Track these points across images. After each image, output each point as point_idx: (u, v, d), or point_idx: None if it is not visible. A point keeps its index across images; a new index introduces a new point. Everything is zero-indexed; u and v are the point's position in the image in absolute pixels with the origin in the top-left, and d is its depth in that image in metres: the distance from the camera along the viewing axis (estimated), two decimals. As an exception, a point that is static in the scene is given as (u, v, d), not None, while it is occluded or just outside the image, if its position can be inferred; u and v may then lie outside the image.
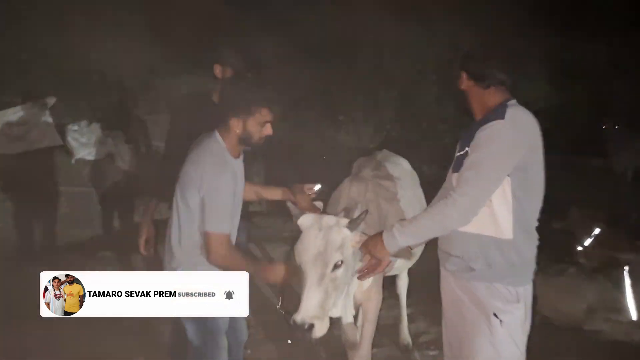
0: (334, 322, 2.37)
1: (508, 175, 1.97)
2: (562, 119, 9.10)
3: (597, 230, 4.80)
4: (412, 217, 2.17)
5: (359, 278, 2.43)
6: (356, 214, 2.34)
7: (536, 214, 2.11)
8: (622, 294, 3.89)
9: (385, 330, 3.85)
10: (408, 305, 3.91)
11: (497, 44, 2.26)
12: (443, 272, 2.29)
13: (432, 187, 3.56)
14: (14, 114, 6.00)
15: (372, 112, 7.70)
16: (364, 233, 2.36)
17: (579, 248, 4.95)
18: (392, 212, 2.96)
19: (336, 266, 2.19)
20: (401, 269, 3.46)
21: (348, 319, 2.86)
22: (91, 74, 6.57)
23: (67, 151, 6.62)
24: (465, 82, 2.19)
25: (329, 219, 2.30)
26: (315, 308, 2.11)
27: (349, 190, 2.83)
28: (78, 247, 6.19)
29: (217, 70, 2.89)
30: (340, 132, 7.63)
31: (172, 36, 6.58)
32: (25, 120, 6.04)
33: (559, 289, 4.01)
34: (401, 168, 3.58)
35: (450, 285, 2.22)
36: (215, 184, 2.20)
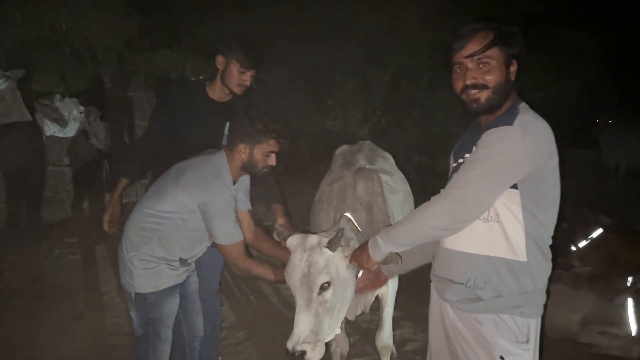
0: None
1: (515, 188, 1.66)
2: (555, 111, 8.92)
3: (596, 232, 4.54)
4: (396, 222, 1.94)
5: (357, 292, 2.25)
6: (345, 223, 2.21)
7: (551, 231, 1.78)
8: (622, 306, 3.64)
9: (370, 336, 3.61)
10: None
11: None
12: (437, 302, 1.96)
13: (420, 178, 3.34)
14: (-23, 86, 5.57)
15: (363, 97, 7.37)
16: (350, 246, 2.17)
17: (573, 248, 4.69)
18: (395, 204, 2.75)
19: (323, 288, 2.04)
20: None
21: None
22: (61, 45, 6.12)
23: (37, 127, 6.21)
24: (512, 70, 1.76)
25: (312, 239, 2.14)
26: (306, 334, 2.01)
27: (355, 187, 2.58)
28: (46, 230, 5.85)
29: (220, 61, 2.76)
30: (328, 116, 7.31)
31: (150, 8, 6.15)
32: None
33: (554, 298, 3.77)
34: (390, 163, 3.31)
35: (447, 319, 1.88)
36: (217, 198, 2.24)
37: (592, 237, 4.58)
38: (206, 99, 2.79)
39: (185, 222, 2.27)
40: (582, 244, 4.60)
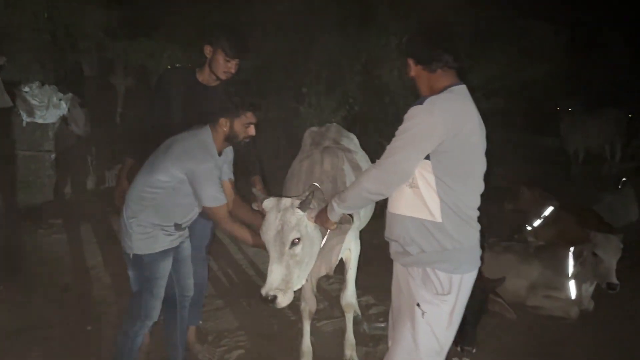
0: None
1: (428, 159, 1.97)
2: (519, 100, 9.28)
3: (548, 210, 4.94)
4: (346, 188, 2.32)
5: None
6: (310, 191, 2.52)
7: (472, 202, 2.09)
8: (563, 273, 4.04)
9: (339, 302, 3.92)
10: (359, 279, 3.92)
11: (442, 25, 2.22)
12: (395, 263, 2.31)
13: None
14: (-42, 72, 5.68)
15: (336, 85, 7.64)
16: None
17: (528, 228, 5.08)
18: None
19: (294, 243, 2.37)
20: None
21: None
22: (42, 33, 6.26)
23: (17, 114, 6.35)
24: (413, 69, 2.14)
25: (285, 201, 2.45)
26: (278, 282, 2.33)
27: (322, 163, 2.92)
28: (28, 213, 6.02)
29: (207, 50, 3.06)
30: (303, 104, 7.55)
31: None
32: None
33: (505, 267, 4.15)
34: (354, 143, 3.65)
35: (396, 272, 2.27)
36: (202, 167, 2.50)
37: (544, 216, 4.99)
38: (197, 83, 3.09)
39: (177, 190, 2.54)
40: (536, 223, 5.01)
